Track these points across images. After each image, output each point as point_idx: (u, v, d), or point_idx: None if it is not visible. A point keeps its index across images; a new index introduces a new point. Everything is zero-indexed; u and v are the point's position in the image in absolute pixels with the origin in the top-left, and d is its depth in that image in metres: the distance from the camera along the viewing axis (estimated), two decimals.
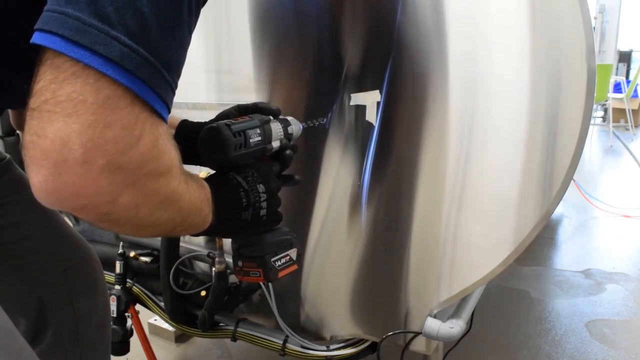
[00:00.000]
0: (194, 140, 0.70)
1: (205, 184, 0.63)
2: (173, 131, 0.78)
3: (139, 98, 0.46)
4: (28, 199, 0.47)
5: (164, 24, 0.48)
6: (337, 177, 1.10)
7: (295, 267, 0.77)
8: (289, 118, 0.81)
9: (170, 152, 0.52)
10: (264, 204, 0.69)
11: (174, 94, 0.52)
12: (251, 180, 0.69)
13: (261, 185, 0.69)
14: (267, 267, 0.72)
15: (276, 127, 0.75)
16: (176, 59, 0.52)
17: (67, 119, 0.43)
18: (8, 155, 0.91)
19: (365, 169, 1.06)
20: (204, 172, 0.71)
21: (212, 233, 0.65)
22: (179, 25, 0.50)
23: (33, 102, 0.44)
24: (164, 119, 0.51)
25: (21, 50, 0.45)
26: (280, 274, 0.74)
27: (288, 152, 0.77)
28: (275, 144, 0.75)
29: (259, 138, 0.71)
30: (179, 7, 0.50)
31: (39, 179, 0.45)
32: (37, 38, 0.44)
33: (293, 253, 0.77)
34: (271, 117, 0.76)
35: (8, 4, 0.53)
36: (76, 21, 0.43)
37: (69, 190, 0.45)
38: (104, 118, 0.44)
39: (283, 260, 0.75)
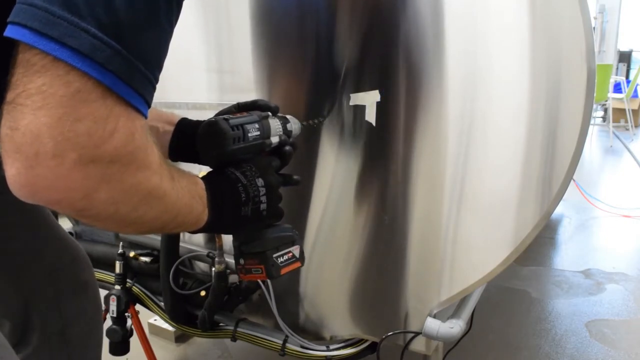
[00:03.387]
0: (193, 138, 0.69)
1: (199, 180, 0.62)
2: (172, 128, 0.78)
3: (112, 91, 0.45)
4: (16, 200, 0.47)
5: (137, 16, 0.46)
6: (336, 176, 1.10)
7: (298, 264, 0.76)
8: (288, 116, 0.81)
9: (148, 147, 0.50)
10: (263, 198, 0.68)
11: (153, 88, 0.51)
12: (249, 174, 0.68)
13: (260, 179, 0.69)
14: (268, 263, 0.71)
15: (275, 123, 0.75)
16: (154, 52, 0.50)
17: (37, 112, 0.42)
18: None
19: (364, 168, 1.06)
20: (203, 171, 0.71)
21: (212, 230, 0.65)
22: (155, 17, 0.49)
23: (9, 95, 0.44)
24: (142, 114, 0.49)
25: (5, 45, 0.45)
26: (283, 271, 0.73)
27: (287, 147, 0.76)
28: (274, 139, 0.74)
29: (258, 133, 0.71)
30: None
31: (12, 172, 0.44)
32: (8, 31, 0.44)
33: (296, 250, 0.75)
34: (269, 114, 0.76)
35: None
36: (45, 13, 0.43)
37: (42, 184, 0.44)
38: (74, 111, 0.43)
39: (285, 257, 0.74)
